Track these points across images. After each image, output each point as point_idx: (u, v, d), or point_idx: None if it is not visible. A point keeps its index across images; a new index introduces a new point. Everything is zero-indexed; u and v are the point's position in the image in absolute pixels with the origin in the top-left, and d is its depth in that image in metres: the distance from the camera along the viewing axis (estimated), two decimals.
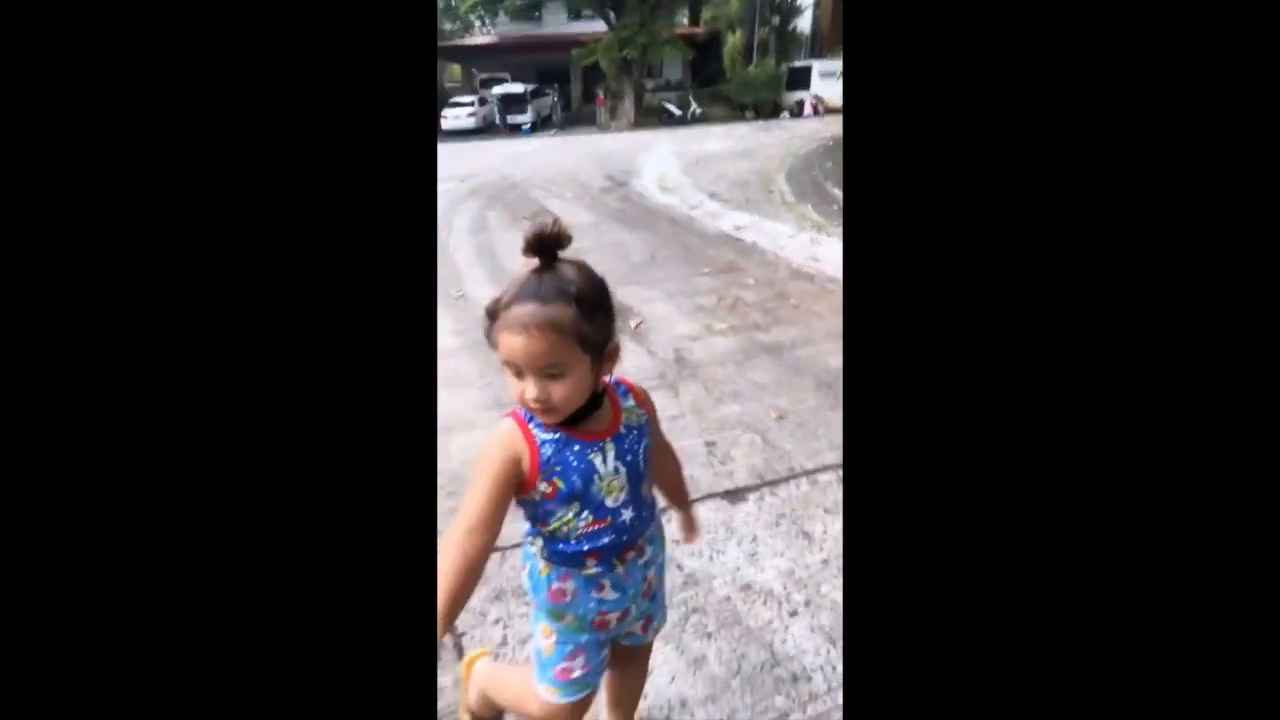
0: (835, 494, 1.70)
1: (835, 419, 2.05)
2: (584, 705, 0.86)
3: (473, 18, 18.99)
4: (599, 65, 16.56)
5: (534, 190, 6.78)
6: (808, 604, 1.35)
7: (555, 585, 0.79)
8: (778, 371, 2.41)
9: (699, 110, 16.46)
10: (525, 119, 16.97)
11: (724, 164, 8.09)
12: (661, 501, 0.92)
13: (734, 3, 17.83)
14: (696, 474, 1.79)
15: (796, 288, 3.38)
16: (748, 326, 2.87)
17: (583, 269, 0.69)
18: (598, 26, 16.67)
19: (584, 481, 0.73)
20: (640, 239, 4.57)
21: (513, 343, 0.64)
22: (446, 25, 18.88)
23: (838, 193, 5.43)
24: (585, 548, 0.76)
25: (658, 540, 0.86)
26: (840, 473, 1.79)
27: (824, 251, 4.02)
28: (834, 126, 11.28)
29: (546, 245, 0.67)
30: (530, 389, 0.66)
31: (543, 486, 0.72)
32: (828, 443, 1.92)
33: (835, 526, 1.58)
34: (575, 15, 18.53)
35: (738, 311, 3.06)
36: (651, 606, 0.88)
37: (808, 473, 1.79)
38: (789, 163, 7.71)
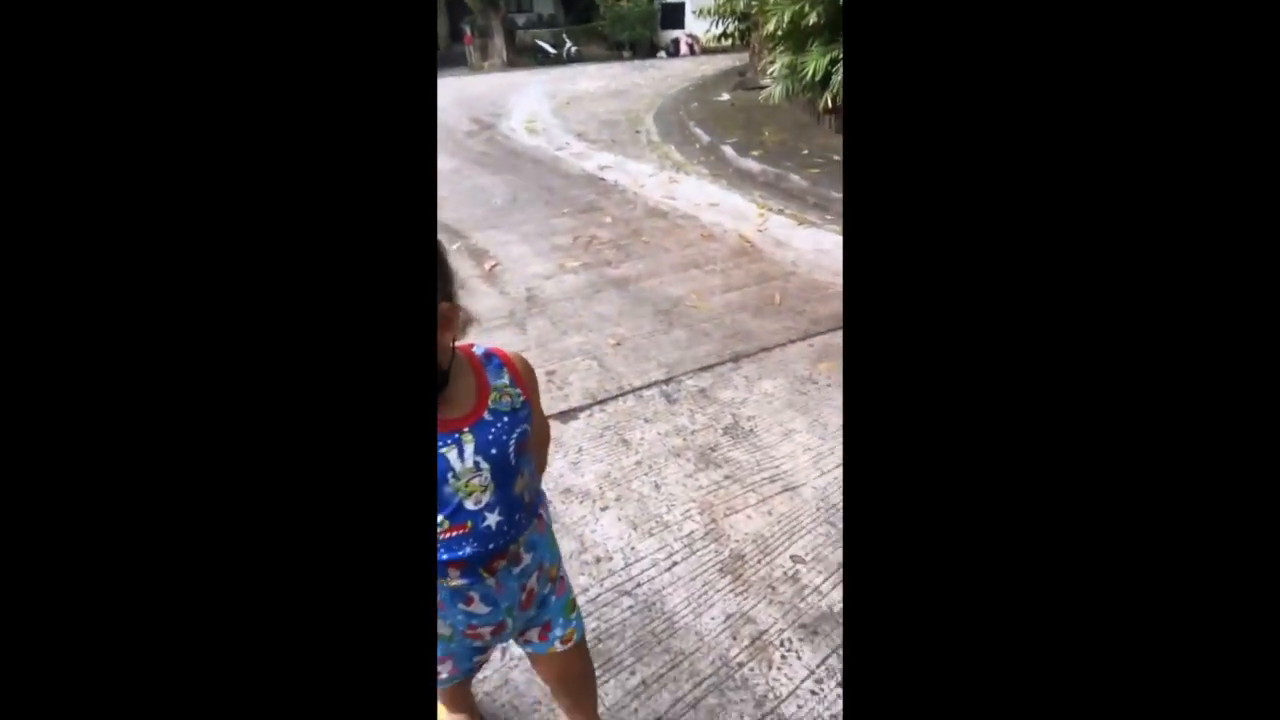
0: (656, 406, 1.88)
1: (667, 341, 2.23)
2: (460, 687, 0.86)
3: None
4: (464, 0, 15.28)
5: None
6: (618, 499, 1.52)
7: None
8: (621, 303, 2.55)
9: (575, 49, 15.79)
10: None
11: (595, 104, 7.94)
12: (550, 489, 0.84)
13: None
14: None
15: (650, 224, 3.51)
16: (599, 263, 2.96)
17: None
18: None
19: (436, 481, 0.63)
20: (503, 182, 4.46)
21: None
22: None
23: (700, 132, 5.55)
24: (444, 557, 0.65)
25: (542, 544, 0.75)
26: (663, 388, 1.97)
27: (681, 190, 4.16)
28: (705, 66, 11.34)
29: None
30: None
31: None
32: (656, 363, 2.09)
33: (651, 433, 1.76)
34: None
35: (591, 249, 3.14)
36: (541, 614, 0.78)
37: (635, 389, 1.96)
38: (658, 103, 7.71)
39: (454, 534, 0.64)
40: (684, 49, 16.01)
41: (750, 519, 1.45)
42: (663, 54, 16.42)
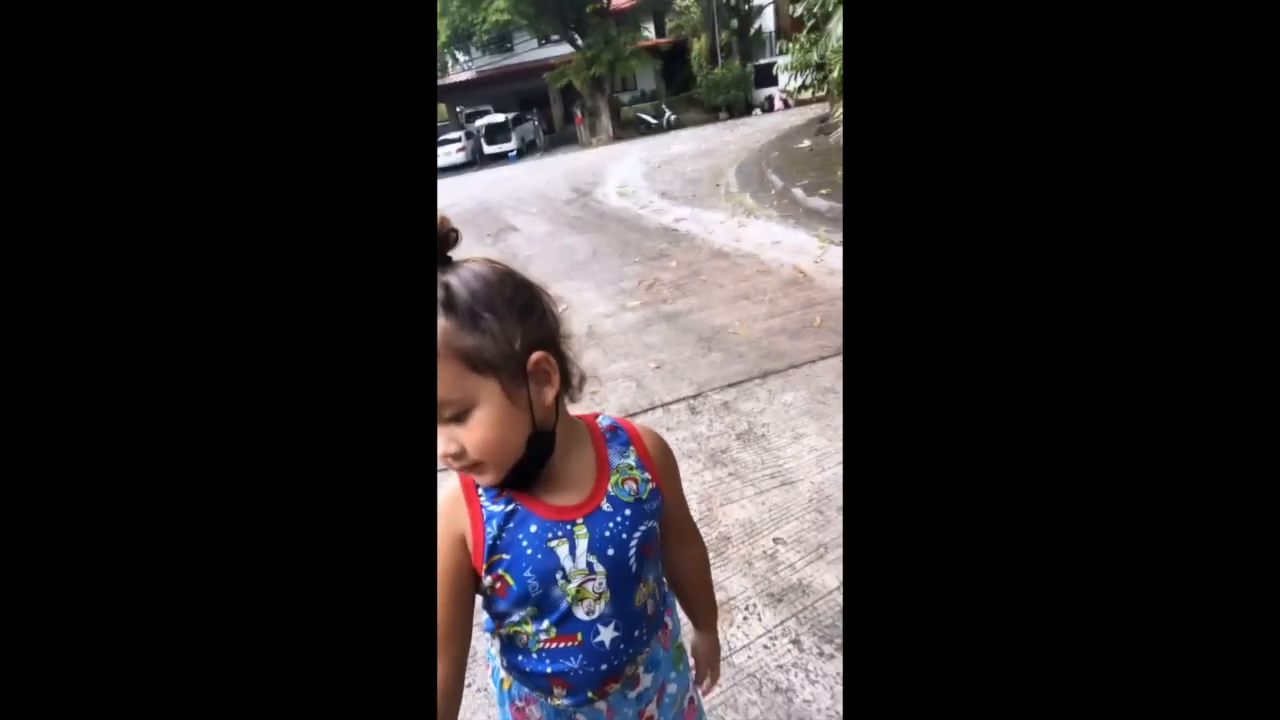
0: (680, 417, 2.08)
1: (702, 363, 2.43)
2: None
3: (447, 57, 19.75)
4: (573, 86, 17.18)
5: (504, 210, 7.27)
6: None
7: (518, 703, 0.59)
8: (669, 334, 2.80)
9: (673, 116, 16.93)
10: (510, 146, 17.63)
11: (684, 164, 8.51)
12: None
13: (695, 10, 18.35)
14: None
15: (710, 265, 3.76)
16: (656, 301, 3.26)
17: (479, 266, 0.48)
18: (566, 49, 17.31)
19: (541, 580, 0.51)
20: (587, 240, 5.00)
21: None
22: None
23: (775, 178, 5.79)
24: (548, 669, 0.55)
25: (664, 663, 0.62)
26: (690, 402, 2.16)
27: (747, 233, 4.39)
28: (794, 118, 11.63)
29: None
30: (439, 440, 0.47)
31: (487, 579, 0.51)
32: (688, 382, 2.30)
33: (670, 439, 1.96)
34: (544, 41, 19.21)
35: (652, 290, 3.45)
36: None
37: (664, 404, 2.18)
38: (743, 157, 8.09)
39: (560, 644, 0.53)
40: (777, 104, 16.49)
41: (743, 508, 1.59)
42: (758, 111, 17.04)
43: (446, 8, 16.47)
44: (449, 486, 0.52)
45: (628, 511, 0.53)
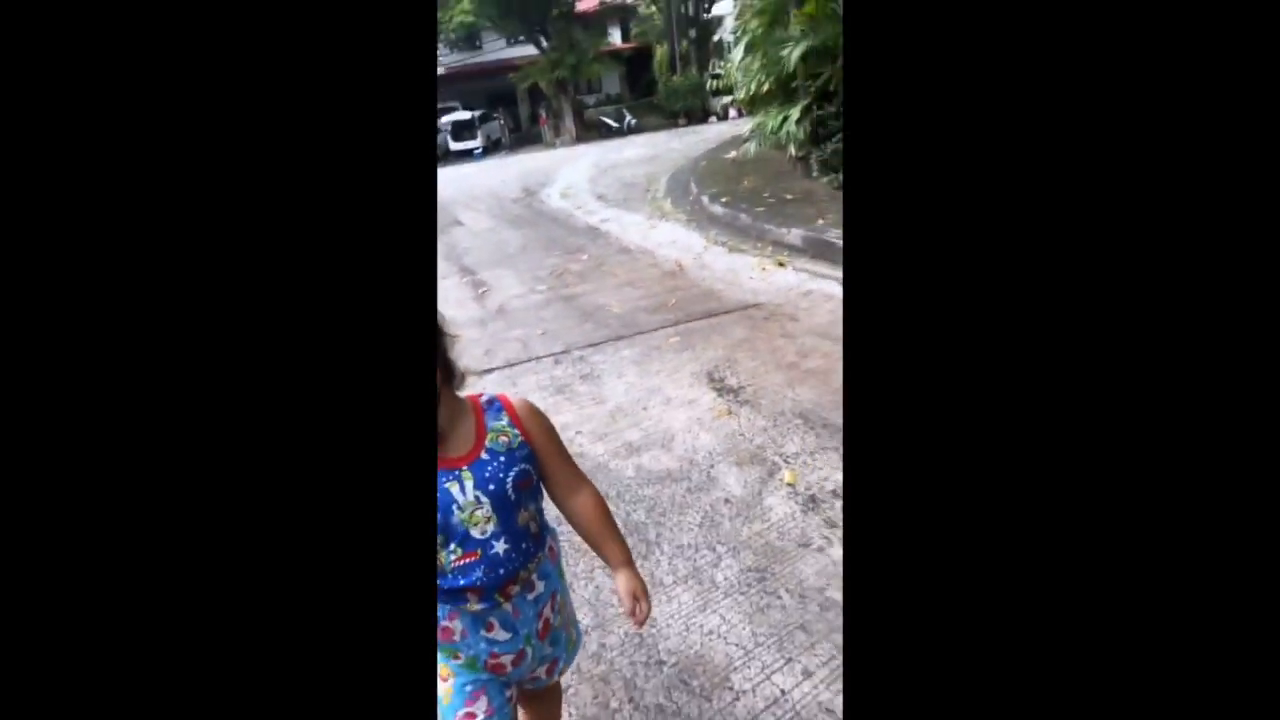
0: (546, 365, 2.82)
1: (577, 331, 3.18)
2: None
3: None
4: (539, 86, 17.77)
5: (456, 206, 7.91)
6: None
7: (443, 623, 0.76)
8: (560, 310, 3.54)
9: (633, 121, 17.67)
10: (475, 144, 18.11)
11: (628, 169, 9.26)
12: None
13: (657, 18, 19.15)
14: (471, 363, 2.91)
15: (614, 259, 4.51)
16: (560, 286, 3.99)
17: None
18: (533, 50, 17.90)
19: (444, 513, 0.71)
20: (520, 235, 5.71)
21: None
22: None
23: (693, 185, 6.58)
24: (461, 583, 0.73)
25: (554, 574, 0.82)
26: (557, 357, 2.90)
27: (654, 234, 5.15)
28: (741, 127, 12.50)
29: None
30: None
31: None
32: (561, 343, 3.04)
33: (532, 379, 2.69)
34: (513, 40, 19.75)
35: (560, 278, 4.18)
36: (554, 650, 0.84)
37: (538, 357, 2.91)
38: (680, 164, 8.88)
39: (466, 560, 0.72)
40: (731, 113, 17.41)
41: (565, 415, 2.33)
42: (714, 119, 17.93)
43: None
44: None
45: (502, 458, 0.74)
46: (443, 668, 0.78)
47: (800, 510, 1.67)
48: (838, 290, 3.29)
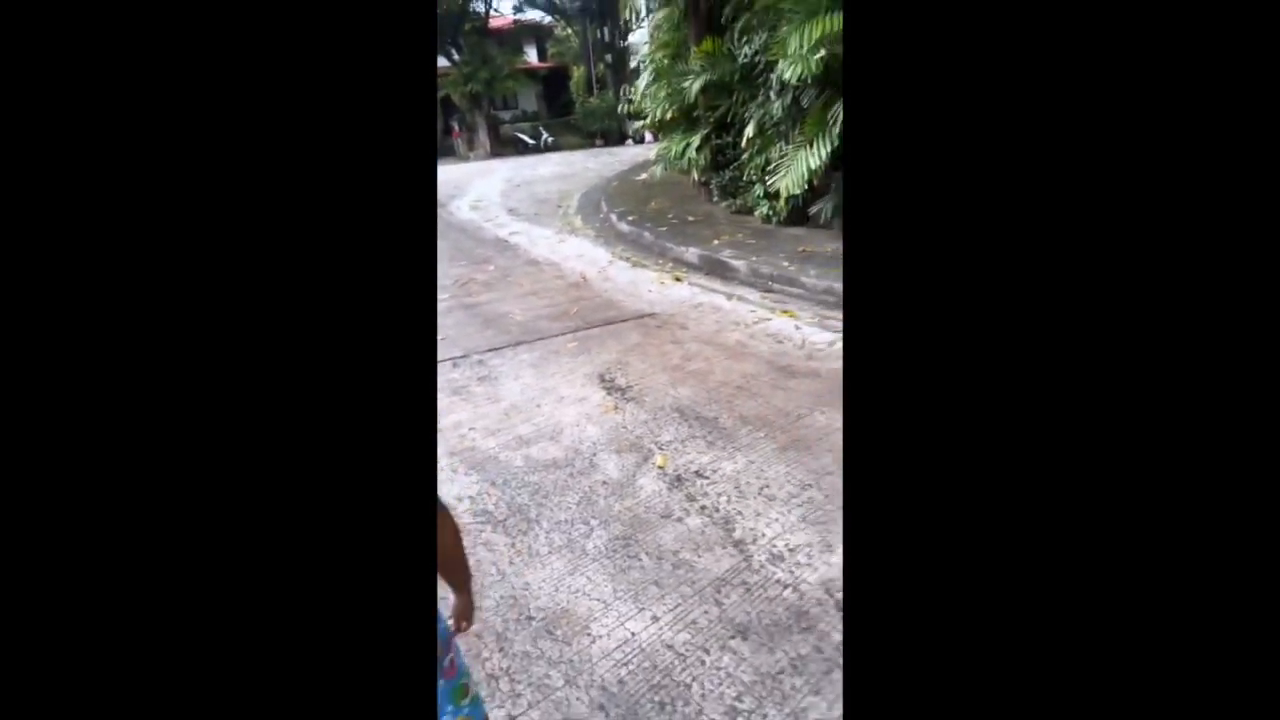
0: (444, 370, 2.91)
1: (478, 337, 3.29)
2: None
3: None
4: (452, 99, 17.61)
5: None
6: None
7: None
8: (462, 318, 3.63)
9: (550, 139, 17.93)
10: None
11: (542, 185, 9.44)
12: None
13: (573, 40, 19.67)
14: None
15: (520, 270, 4.66)
16: (464, 295, 4.08)
17: None
18: (445, 62, 17.76)
19: None
20: None
21: None
22: None
23: (604, 203, 6.87)
24: None
25: (443, 694, 0.80)
26: (456, 361, 3.00)
27: (563, 247, 5.35)
28: (653, 151, 13.08)
29: None
30: None
31: None
32: (460, 348, 3.14)
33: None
34: None
35: (465, 287, 4.27)
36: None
37: (437, 360, 2.99)
38: (594, 182, 9.19)
39: None
40: (648, 136, 18.13)
41: (460, 414, 2.44)
42: (630, 141, 18.57)
43: None
44: None
45: None
46: None
47: (666, 488, 1.90)
48: (725, 303, 3.64)
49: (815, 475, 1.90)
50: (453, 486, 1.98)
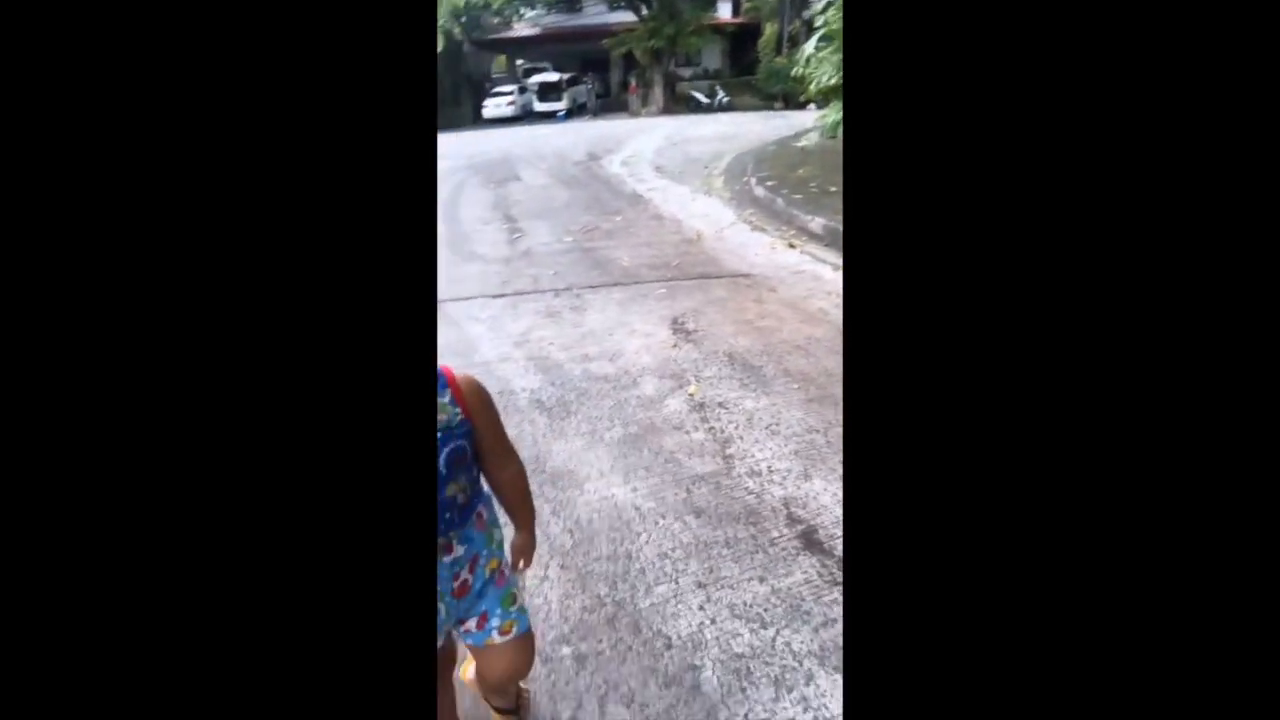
0: (548, 299, 3.53)
1: (585, 276, 3.87)
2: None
3: (508, 12, 21.18)
4: (634, 54, 18.52)
5: (519, 164, 8.80)
6: (492, 325, 3.19)
7: None
8: (577, 259, 4.24)
9: (725, 98, 18.09)
10: (559, 106, 19.16)
11: (698, 145, 9.83)
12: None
13: None
14: (488, 289, 3.67)
15: (644, 222, 5.17)
16: (581, 240, 4.70)
17: None
18: (633, 16, 18.63)
19: None
20: (569, 194, 6.46)
21: None
22: (494, 19, 21.39)
23: (749, 166, 7.09)
24: None
25: (479, 539, 0.92)
26: (558, 291, 3.61)
27: (694, 206, 5.76)
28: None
29: None
30: None
31: None
32: (567, 283, 3.74)
33: (531, 308, 3.41)
34: (615, 6, 20.56)
35: (588, 234, 4.89)
36: (478, 604, 0.93)
37: (541, 290, 3.63)
38: (753, 145, 9.35)
39: None
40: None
41: (547, 330, 3.02)
42: (813, 105, 18.06)
43: None
44: None
45: (439, 434, 0.81)
46: None
47: (688, 409, 2.29)
48: (828, 273, 3.80)
49: (826, 424, 2.15)
50: (522, 380, 2.57)
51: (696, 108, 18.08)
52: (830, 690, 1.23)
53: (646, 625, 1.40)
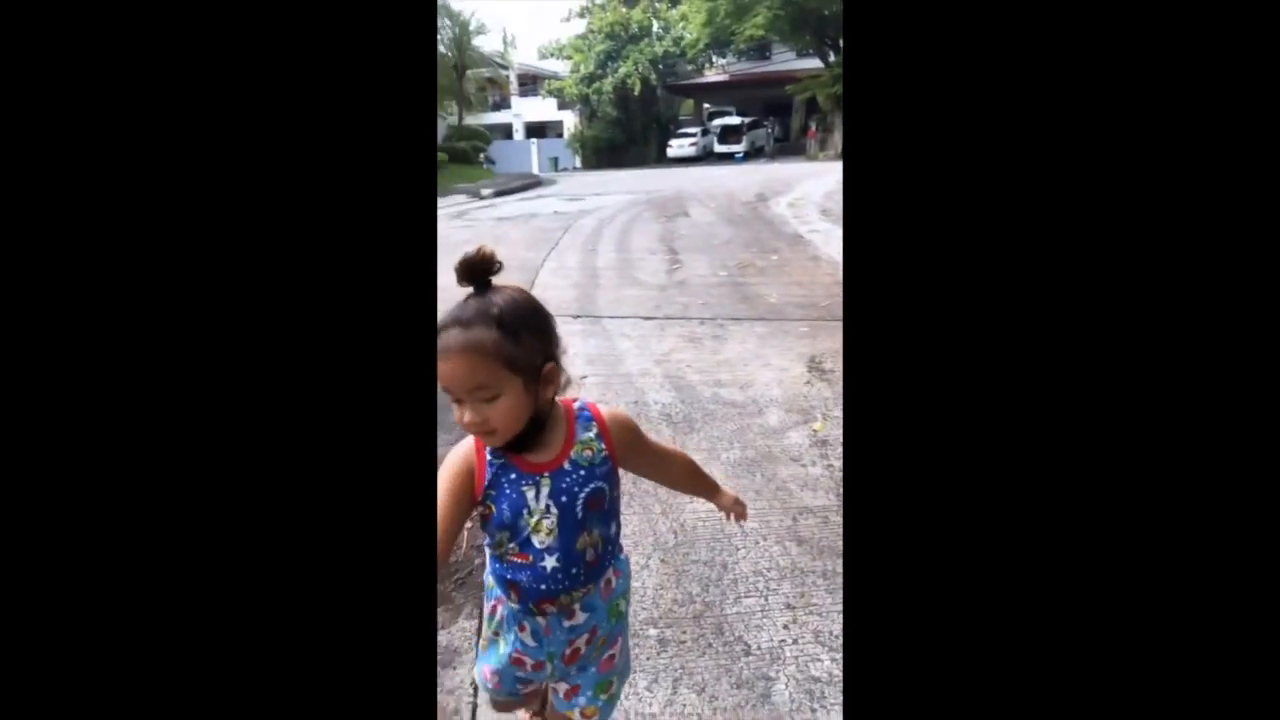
0: (694, 328, 3.72)
1: (734, 308, 4.02)
2: (503, 705, 1.01)
3: (701, 60, 22.36)
4: (816, 99, 18.58)
5: (690, 201, 9.25)
6: (628, 333, 3.46)
7: (494, 600, 0.89)
8: (729, 292, 4.42)
9: None
10: (738, 148, 19.78)
11: None
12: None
13: None
14: (642, 312, 3.97)
15: (798, 262, 5.20)
16: (735, 275, 4.86)
17: (516, 294, 0.74)
18: (820, 64, 18.75)
19: (513, 512, 0.78)
20: (732, 231, 6.68)
21: (441, 368, 0.69)
22: (688, 66, 22.79)
23: None
24: (508, 576, 0.82)
25: (600, 611, 0.88)
26: (701, 319, 3.79)
27: None
28: None
29: (474, 271, 0.72)
30: (465, 413, 0.71)
31: (481, 508, 0.79)
32: (713, 312, 3.92)
33: (675, 330, 3.62)
34: (803, 53, 20.85)
35: (744, 270, 5.04)
36: (579, 677, 0.92)
37: (688, 318, 3.84)
38: None
39: (517, 560, 0.81)
40: None
41: (686, 354, 3.21)
42: None
43: (713, 17, 19.03)
44: (466, 441, 0.79)
45: (582, 472, 0.81)
46: (486, 630, 0.92)
47: (809, 444, 2.31)
48: None
49: None
50: (657, 395, 2.77)
51: None
52: None
53: (729, 629, 1.48)
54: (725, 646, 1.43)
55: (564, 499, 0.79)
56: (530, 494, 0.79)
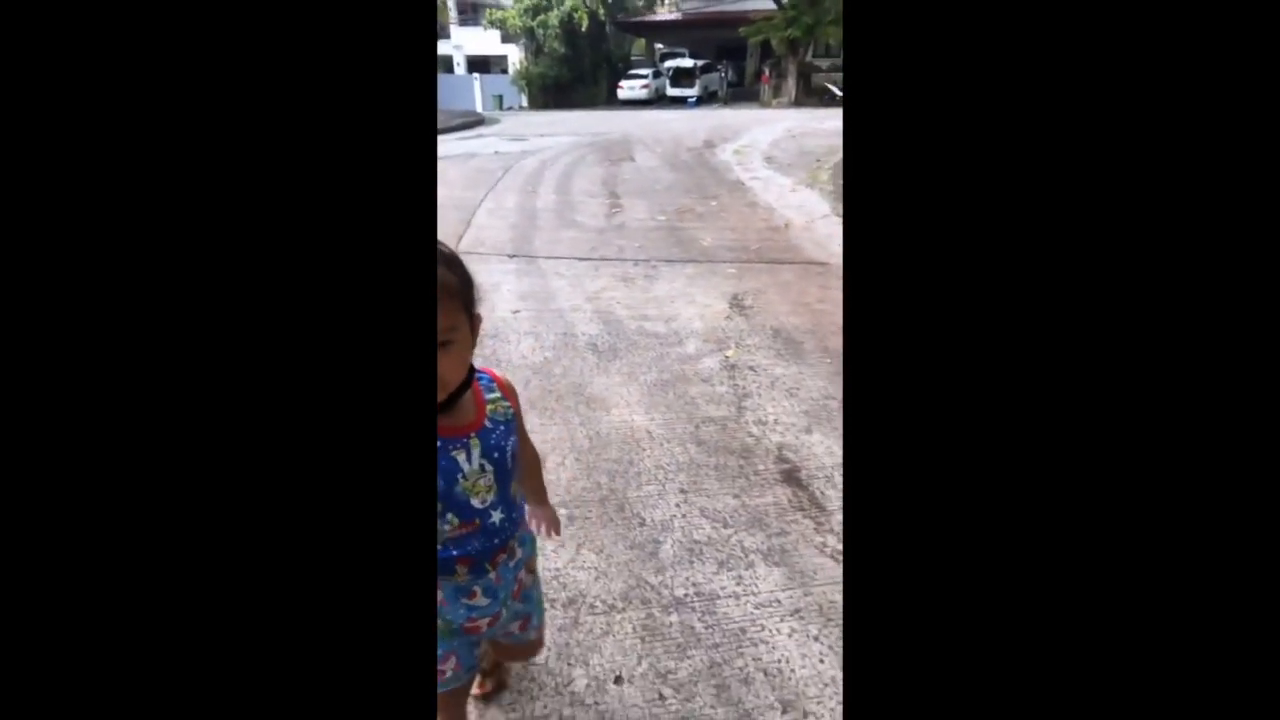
0: (627, 269, 3.95)
1: (665, 250, 4.25)
2: (461, 692, 0.95)
3: None
4: (770, 43, 18.46)
5: (637, 146, 9.30)
6: (572, 279, 3.67)
7: None
8: (662, 235, 4.64)
9: None
10: (691, 93, 19.58)
11: (817, 140, 9.82)
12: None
13: None
14: (580, 253, 4.15)
15: (737, 209, 5.45)
16: (673, 220, 5.08)
17: (448, 249, 0.73)
18: (773, 5, 18.54)
19: (447, 481, 0.77)
20: (675, 177, 6.85)
21: None
22: (639, 2, 22.10)
23: None
24: (454, 553, 0.80)
25: (529, 539, 0.94)
26: (635, 261, 4.01)
27: (792, 197, 5.94)
28: None
29: None
30: None
31: None
32: (646, 253, 4.15)
33: (609, 270, 3.84)
34: None
35: (680, 215, 5.25)
36: (526, 606, 0.96)
37: (622, 259, 4.05)
38: None
39: (463, 532, 0.80)
40: None
41: (618, 292, 3.44)
42: None
43: None
44: None
45: (502, 427, 0.83)
46: None
47: (719, 368, 2.62)
48: None
49: None
50: (586, 327, 3.02)
51: (831, 101, 17.72)
52: (766, 576, 1.54)
53: (629, 508, 1.78)
54: (624, 520, 1.73)
55: (496, 455, 0.81)
56: (461, 457, 0.79)
